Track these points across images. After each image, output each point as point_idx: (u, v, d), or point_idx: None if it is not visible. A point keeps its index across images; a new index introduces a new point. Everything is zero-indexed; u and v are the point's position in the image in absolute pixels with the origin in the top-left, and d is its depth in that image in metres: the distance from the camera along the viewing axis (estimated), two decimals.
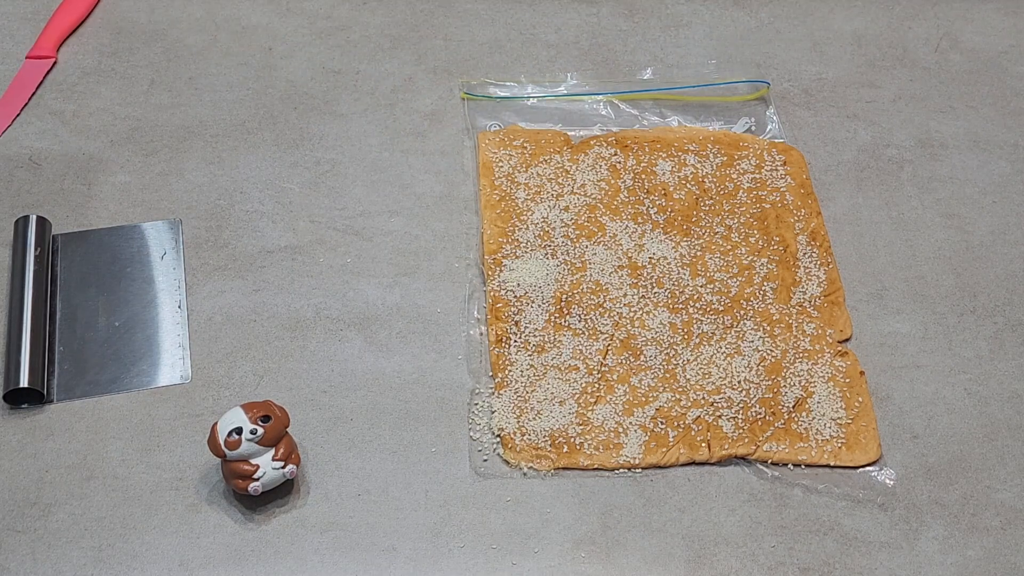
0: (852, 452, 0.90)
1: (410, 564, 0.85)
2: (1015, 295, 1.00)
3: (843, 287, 0.99)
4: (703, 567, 0.85)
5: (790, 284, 0.99)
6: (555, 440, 0.90)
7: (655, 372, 0.94)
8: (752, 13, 1.21)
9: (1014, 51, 1.19)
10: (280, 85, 1.13)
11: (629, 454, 0.90)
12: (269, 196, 1.05)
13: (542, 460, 0.90)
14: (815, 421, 0.91)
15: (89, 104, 1.12)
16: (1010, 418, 0.93)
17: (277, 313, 0.97)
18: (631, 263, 1.00)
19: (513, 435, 0.90)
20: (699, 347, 0.95)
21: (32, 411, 0.92)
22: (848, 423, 0.91)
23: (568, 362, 0.94)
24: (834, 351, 0.95)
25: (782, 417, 0.91)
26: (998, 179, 1.08)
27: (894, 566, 0.85)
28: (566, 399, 0.92)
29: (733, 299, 0.98)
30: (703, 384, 0.93)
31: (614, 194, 1.04)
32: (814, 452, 0.90)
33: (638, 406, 0.92)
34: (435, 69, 1.16)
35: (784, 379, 0.93)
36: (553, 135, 1.09)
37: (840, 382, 0.93)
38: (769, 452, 0.90)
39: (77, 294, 0.98)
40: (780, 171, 1.06)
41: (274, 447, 0.85)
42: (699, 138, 1.09)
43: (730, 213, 1.03)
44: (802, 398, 0.92)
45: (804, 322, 0.96)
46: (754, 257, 1.00)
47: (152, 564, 0.84)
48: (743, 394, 0.92)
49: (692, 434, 0.90)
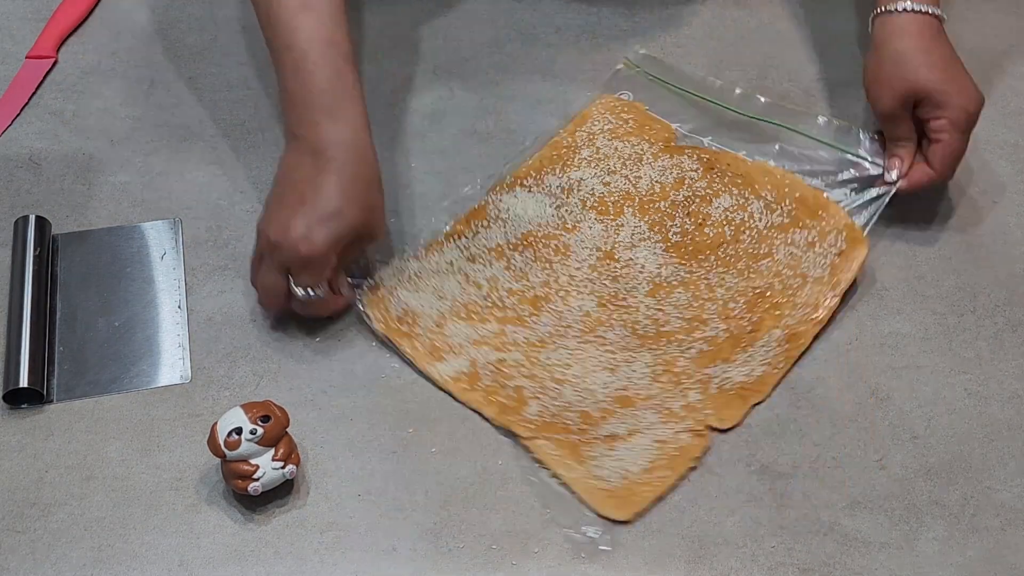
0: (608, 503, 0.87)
1: (410, 564, 0.85)
2: (1015, 295, 1.00)
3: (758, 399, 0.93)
4: (703, 567, 0.85)
5: (719, 360, 0.93)
6: (405, 316, 0.94)
7: (529, 335, 0.95)
8: (752, 13, 1.21)
9: (1014, 51, 1.19)
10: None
11: (441, 370, 0.92)
12: None
13: (380, 317, 0.94)
14: (606, 457, 0.88)
15: (89, 104, 1.12)
16: (1010, 418, 0.93)
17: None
18: (610, 252, 1.00)
19: (382, 288, 0.96)
20: (580, 348, 0.94)
21: (32, 411, 0.92)
22: (629, 481, 0.87)
23: (477, 279, 0.97)
24: (692, 432, 0.90)
25: (587, 434, 0.90)
26: (998, 179, 1.08)
27: (894, 566, 0.85)
28: (445, 299, 0.95)
29: (657, 334, 0.95)
30: (550, 372, 0.93)
31: (658, 199, 1.04)
32: (574, 476, 0.88)
33: (488, 346, 0.93)
34: (435, 69, 1.16)
35: (616, 416, 0.90)
36: (662, 127, 1.09)
37: (667, 451, 0.89)
38: (541, 446, 0.89)
39: (77, 294, 0.98)
40: (825, 258, 0.98)
41: (274, 447, 0.85)
42: (784, 189, 1.03)
43: (738, 272, 0.99)
44: (619, 436, 0.89)
45: (691, 395, 0.92)
46: (715, 318, 0.96)
47: (152, 564, 0.84)
48: (569, 401, 0.91)
49: (502, 397, 0.91)
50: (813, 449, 0.91)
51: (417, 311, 0.95)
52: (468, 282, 0.97)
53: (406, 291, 0.96)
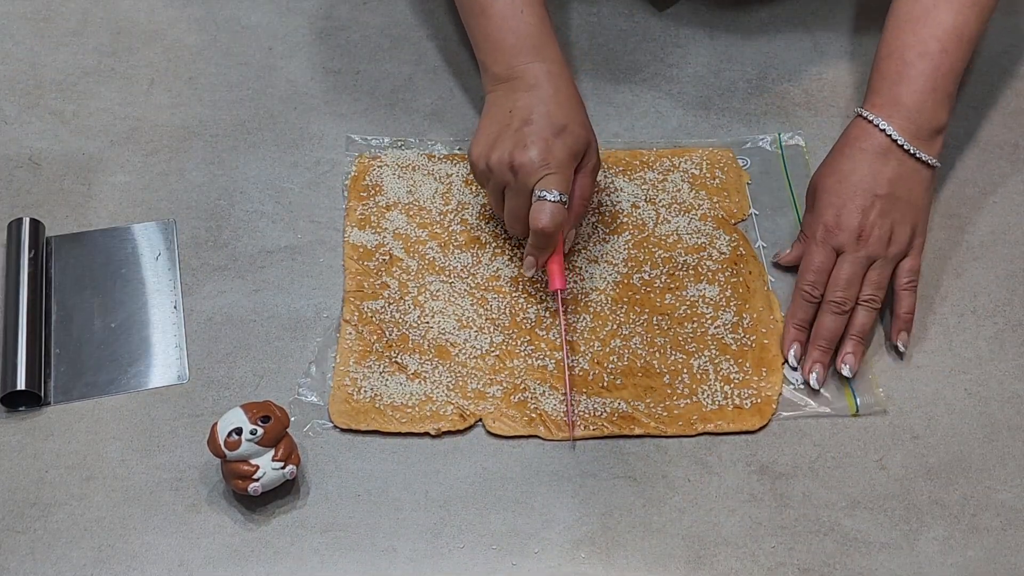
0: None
1: (410, 564, 0.85)
2: (1015, 295, 1.00)
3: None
4: (703, 567, 0.85)
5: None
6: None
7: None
8: (752, 13, 1.21)
9: (1014, 51, 1.19)
10: (280, 85, 1.13)
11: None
12: (269, 196, 1.05)
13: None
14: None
15: (89, 104, 1.12)
16: (1010, 418, 0.93)
17: (277, 313, 0.97)
18: (571, 251, 1.00)
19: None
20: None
21: (32, 412, 0.92)
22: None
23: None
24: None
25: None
26: (998, 179, 1.08)
27: (894, 566, 0.85)
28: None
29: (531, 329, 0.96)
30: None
31: (660, 245, 1.02)
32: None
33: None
34: (435, 69, 1.16)
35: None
36: (743, 204, 1.05)
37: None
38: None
39: (72, 296, 0.98)
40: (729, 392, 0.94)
41: (274, 447, 0.85)
42: (762, 324, 0.98)
43: (657, 334, 0.97)
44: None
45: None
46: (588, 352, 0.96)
47: (152, 564, 0.84)
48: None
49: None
50: (813, 449, 0.91)
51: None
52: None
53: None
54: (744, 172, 1.07)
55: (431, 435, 0.91)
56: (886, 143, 0.96)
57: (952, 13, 0.96)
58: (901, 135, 0.95)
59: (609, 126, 1.11)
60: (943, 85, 0.96)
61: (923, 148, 0.96)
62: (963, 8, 0.96)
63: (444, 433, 0.91)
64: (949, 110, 0.97)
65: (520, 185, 0.92)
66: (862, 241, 0.95)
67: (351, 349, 0.95)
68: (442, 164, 1.06)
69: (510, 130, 0.94)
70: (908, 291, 0.96)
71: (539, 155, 0.91)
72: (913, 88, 0.96)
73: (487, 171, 0.94)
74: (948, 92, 0.97)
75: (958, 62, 0.96)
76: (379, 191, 1.04)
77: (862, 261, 0.95)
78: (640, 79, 1.15)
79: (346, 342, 0.95)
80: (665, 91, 1.14)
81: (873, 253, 0.95)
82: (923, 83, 0.96)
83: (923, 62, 0.96)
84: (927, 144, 0.96)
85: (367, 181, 1.05)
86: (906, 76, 0.96)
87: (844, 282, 0.94)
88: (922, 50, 0.96)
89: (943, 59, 0.96)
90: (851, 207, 0.95)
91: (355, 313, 0.96)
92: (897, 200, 0.95)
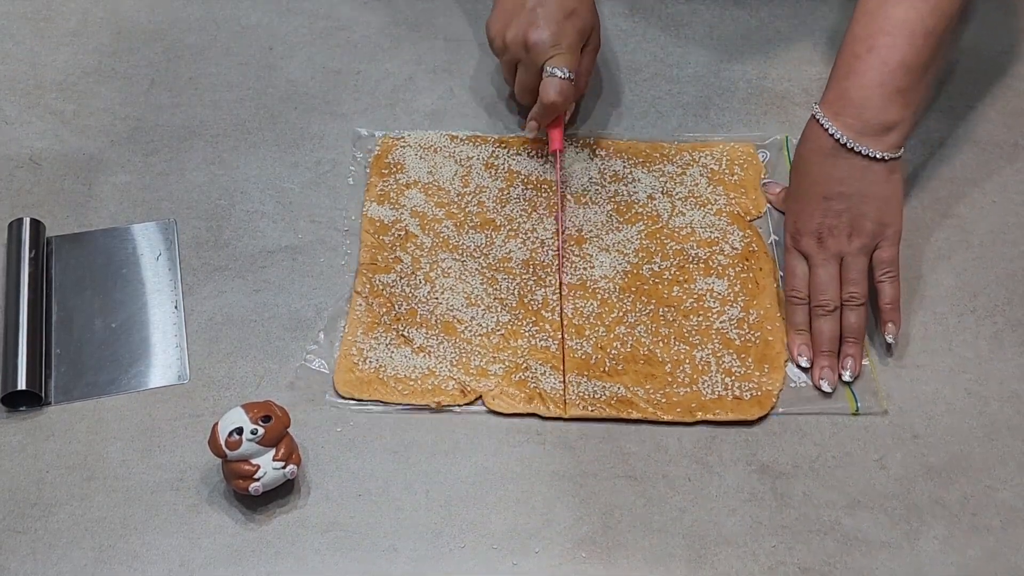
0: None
1: (410, 564, 0.85)
2: (1015, 295, 1.00)
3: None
4: (703, 567, 0.85)
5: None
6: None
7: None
8: (752, 13, 1.21)
9: (1014, 51, 1.19)
10: (280, 85, 1.13)
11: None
12: (269, 196, 1.05)
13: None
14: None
15: (89, 104, 1.12)
16: (1010, 418, 0.93)
17: (277, 313, 0.97)
18: (580, 238, 1.02)
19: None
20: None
21: (32, 412, 0.92)
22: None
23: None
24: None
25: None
26: (998, 179, 1.08)
27: (894, 566, 0.85)
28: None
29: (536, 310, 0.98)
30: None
31: (673, 237, 1.03)
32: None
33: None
34: (435, 69, 1.16)
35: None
36: (759, 201, 1.06)
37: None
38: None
39: (73, 296, 0.98)
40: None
41: (275, 447, 0.85)
42: (767, 324, 0.98)
43: (662, 324, 0.97)
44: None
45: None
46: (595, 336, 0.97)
47: (152, 564, 0.84)
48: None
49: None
50: (813, 449, 0.91)
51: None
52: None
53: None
54: (762, 166, 1.08)
55: (431, 409, 0.92)
56: (832, 143, 0.94)
57: (903, 7, 0.94)
58: (846, 133, 0.94)
59: (609, 126, 1.11)
60: (892, 80, 0.93)
61: (871, 144, 0.94)
62: (916, 2, 0.94)
63: (444, 426, 0.91)
64: (903, 105, 0.94)
65: (532, 61, 1.01)
66: (822, 243, 0.95)
67: (360, 320, 0.96)
68: (464, 146, 1.08)
69: (525, 9, 1.01)
70: (886, 282, 0.96)
71: (551, 35, 1.00)
72: (860, 83, 0.94)
73: (503, 46, 1.04)
74: (898, 87, 0.93)
75: (911, 56, 0.93)
76: (400, 169, 1.06)
77: (831, 262, 0.95)
78: (640, 79, 1.15)
79: (356, 313, 0.97)
80: (665, 91, 1.14)
81: (837, 251, 0.95)
82: (870, 77, 0.94)
83: (871, 56, 0.94)
84: (875, 140, 0.94)
85: (390, 159, 1.07)
86: (854, 70, 0.95)
87: (822, 285, 0.95)
88: (871, 44, 0.94)
89: (891, 53, 0.93)
90: (807, 212, 0.96)
91: (367, 285, 0.98)
92: (851, 197, 0.95)
